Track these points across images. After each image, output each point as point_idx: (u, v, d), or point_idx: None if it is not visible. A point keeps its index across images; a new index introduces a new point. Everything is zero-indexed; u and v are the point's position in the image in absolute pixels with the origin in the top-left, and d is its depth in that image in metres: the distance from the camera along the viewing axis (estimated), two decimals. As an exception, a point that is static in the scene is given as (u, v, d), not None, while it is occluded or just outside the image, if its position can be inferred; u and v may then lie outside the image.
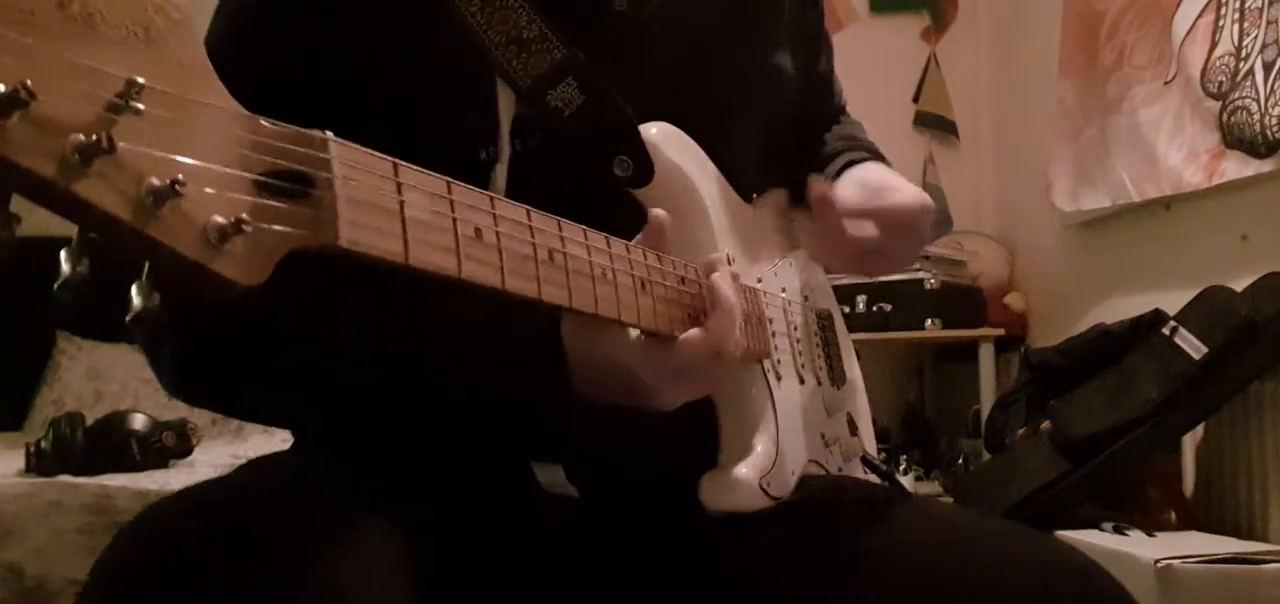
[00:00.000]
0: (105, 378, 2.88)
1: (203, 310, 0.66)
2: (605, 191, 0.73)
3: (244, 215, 0.42)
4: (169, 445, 2.16)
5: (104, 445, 2.10)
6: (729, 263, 0.82)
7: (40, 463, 2.03)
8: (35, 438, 2.11)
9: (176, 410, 2.46)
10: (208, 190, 0.41)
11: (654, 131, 0.76)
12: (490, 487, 0.75)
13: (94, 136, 0.37)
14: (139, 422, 2.16)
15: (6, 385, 2.88)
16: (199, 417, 2.42)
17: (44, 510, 1.79)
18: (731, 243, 0.83)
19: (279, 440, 0.81)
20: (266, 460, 0.74)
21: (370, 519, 0.62)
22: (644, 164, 0.75)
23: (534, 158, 0.74)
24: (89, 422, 2.15)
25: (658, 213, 0.70)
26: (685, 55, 0.84)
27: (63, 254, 0.40)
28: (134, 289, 0.42)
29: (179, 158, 0.40)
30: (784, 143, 0.98)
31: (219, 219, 0.41)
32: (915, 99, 3.66)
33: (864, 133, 1.10)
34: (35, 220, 0.41)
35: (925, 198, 0.89)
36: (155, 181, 0.39)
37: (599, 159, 0.74)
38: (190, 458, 2.22)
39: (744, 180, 0.92)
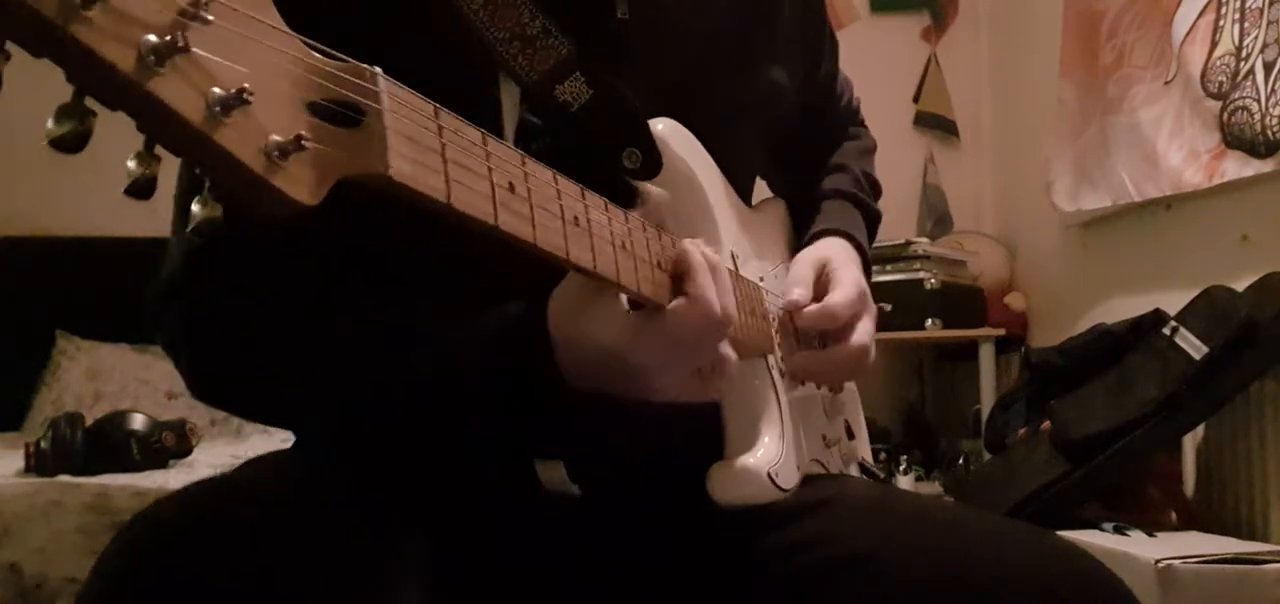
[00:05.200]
0: (105, 378, 2.88)
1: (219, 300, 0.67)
2: (611, 189, 0.73)
3: (304, 133, 0.43)
4: (169, 445, 2.16)
5: (103, 445, 2.09)
6: (733, 259, 0.82)
7: (40, 463, 2.03)
8: (35, 438, 2.11)
9: (176, 410, 2.46)
10: (269, 105, 0.42)
11: (661, 126, 0.77)
12: (491, 485, 0.75)
13: (168, 36, 0.38)
14: (138, 422, 2.16)
15: (6, 385, 2.88)
16: (198, 417, 2.42)
17: (44, 510, 1.79)
18: (735, 239, 0.83)
19: (279, 440, 0.81)
20: (267, 459, 0.74)
21: (371, 518, 0.62)
22: (652, 157, 0.76)
23: (538, 160, 0.74)
24: (88, 422, 2.15)
25: (660, 192, 0.70)
26: (685, 65, 0.84)
27: (130, 160, 0.41)
28: (195, 202, 0.42)
29: (244, 69, 0.41)
30: (783, 151, 0.98)
31: (278, 136, 0.42)
32: (915, 99, 3.66)
33: (865, 154, 1.09)
34: (35, 222, 0.41)
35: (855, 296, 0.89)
36: (220, 91, 0.40)
37: (608, 152, 0.75)
38: (190, 458, 2.21)
39: (744, 187, 0.92)
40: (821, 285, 0.89)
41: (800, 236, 0.99)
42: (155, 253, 0.73)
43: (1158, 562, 1.74)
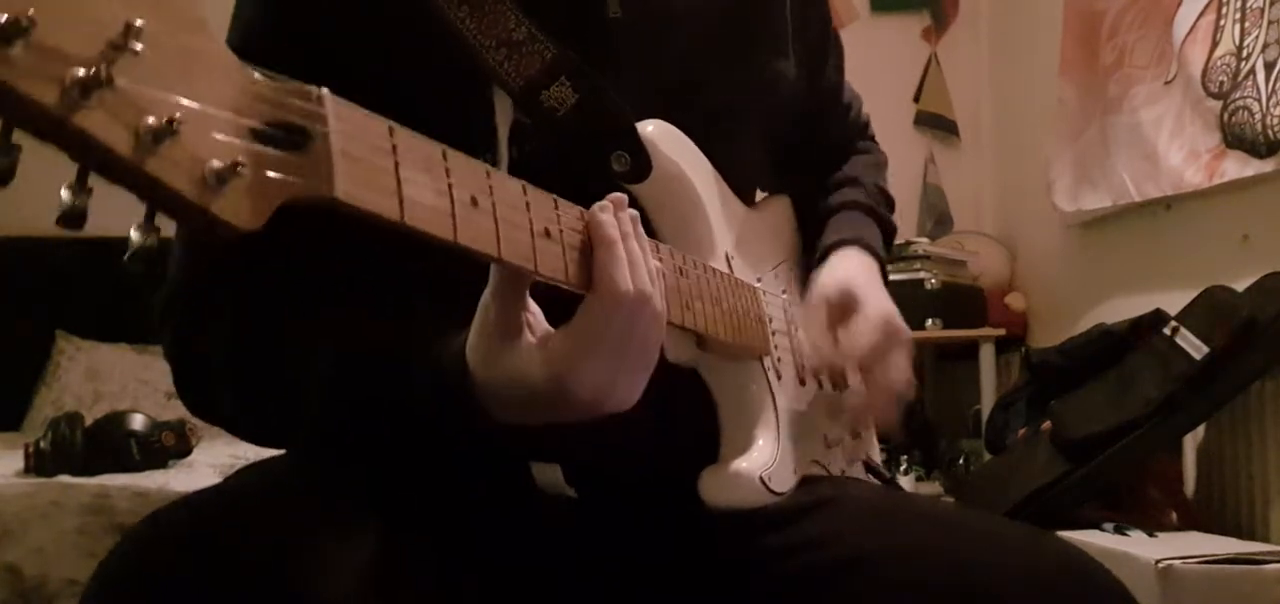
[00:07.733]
0: (104, 378, 2.88)
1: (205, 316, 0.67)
2: (601, 193, 0.73)
3: (240, 159, 0.42)
4: (168, 445, 2.16)
5: (103, 445, 2.09)
6: (728, 261, 0.82)
7: (39, 463, 2.03)
8: (35, 438, 2.11)
9: (176, 410, 2.46)
10: (205, 133, 0.42)
11: (650, 128, 0.76)
12: (488, 487, 0.75)
13: (94, 70, 0.38)
14: (138, 422, 2.15)
15: (6, 385, 2.88)
16: (198, 416, 2.42)
17: (43, 511, 1.78)
18: (730, 241, 0.83)
19: (277, 441, 0.81)
20: (266, 464, 0.74)
21: (370, 523, 0.62)
22: (642, 159, 0.75)
23: (532, 163, 0.74)
24: (88, 422, 2.15)
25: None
26: (681, 61, 0.83)
27: (63, 189, 0.40)
28: (133, 229, 0.42)
29: (177, 98, 0.41)
30: (787, 147, 0.98)
31: (216, 162, 0.42)
32: (916, 99, 3.66)
33: (877, 168, 1.07)
34: (35, 222, 0.41)
35: (888, 317, 0.89)
36: (152, 120, 0.39)
37: (596, 155, 0.74)
38: (190, 458, 2.21)
39: (745, 184, 0.92)
40: (842, 314, 0.87)
41: (805, 236, 0.98)
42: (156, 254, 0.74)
43: (1158, 562, 1.74)
